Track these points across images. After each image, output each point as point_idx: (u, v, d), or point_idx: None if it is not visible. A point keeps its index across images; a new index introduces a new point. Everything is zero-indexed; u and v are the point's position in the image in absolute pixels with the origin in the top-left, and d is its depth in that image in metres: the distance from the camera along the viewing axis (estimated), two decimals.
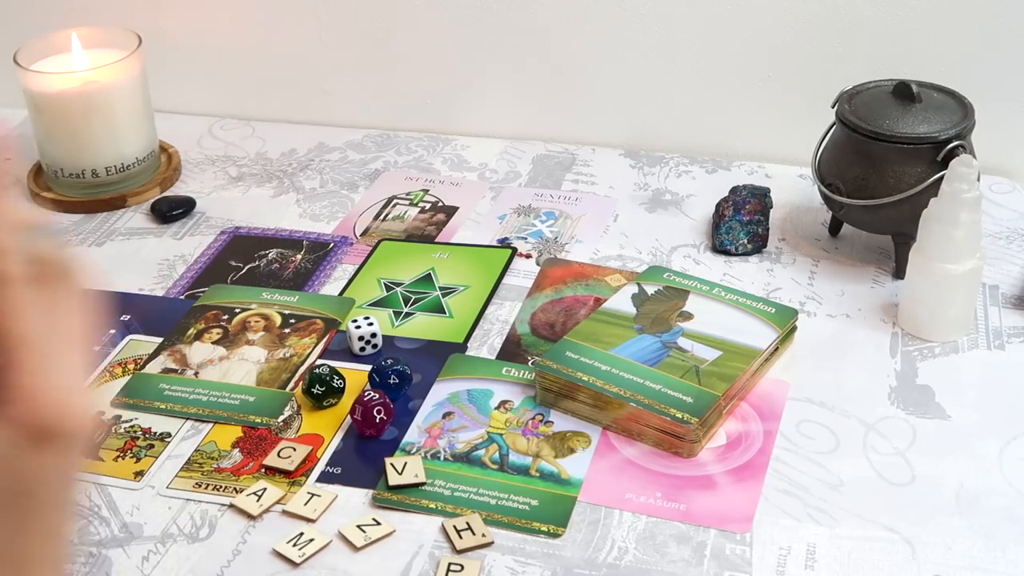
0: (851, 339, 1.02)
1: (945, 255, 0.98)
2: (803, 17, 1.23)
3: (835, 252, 1.13)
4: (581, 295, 1.08)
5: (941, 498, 0.87)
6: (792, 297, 1.07)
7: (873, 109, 1.07)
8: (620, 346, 0.97)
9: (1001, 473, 0.89)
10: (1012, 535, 0.83)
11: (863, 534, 0.84)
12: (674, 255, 1.14)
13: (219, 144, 1.36)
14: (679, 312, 1.01)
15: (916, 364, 0.99)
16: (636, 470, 0.89)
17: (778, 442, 0.92)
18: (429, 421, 0.94)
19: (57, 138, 1.23)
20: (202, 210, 1.24)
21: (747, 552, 0.83)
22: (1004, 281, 1.08)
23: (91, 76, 1.21)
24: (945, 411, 0.94)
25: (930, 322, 1.01)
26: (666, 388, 0.92)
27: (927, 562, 0.81)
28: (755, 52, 1.26)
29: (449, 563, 0.82)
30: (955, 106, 1.07)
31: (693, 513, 0.86)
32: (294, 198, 1.25)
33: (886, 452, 0.91)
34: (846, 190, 1.07)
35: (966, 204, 0.96)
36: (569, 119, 1.33)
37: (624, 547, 0.83)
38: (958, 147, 1.03)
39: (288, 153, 1.34)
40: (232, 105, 1.41)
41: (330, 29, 1.35)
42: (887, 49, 1.21)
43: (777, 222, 1.17)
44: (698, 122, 1.31)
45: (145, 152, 1.26)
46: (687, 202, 1.22)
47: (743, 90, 1.28)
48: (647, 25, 1.26)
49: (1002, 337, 1.02)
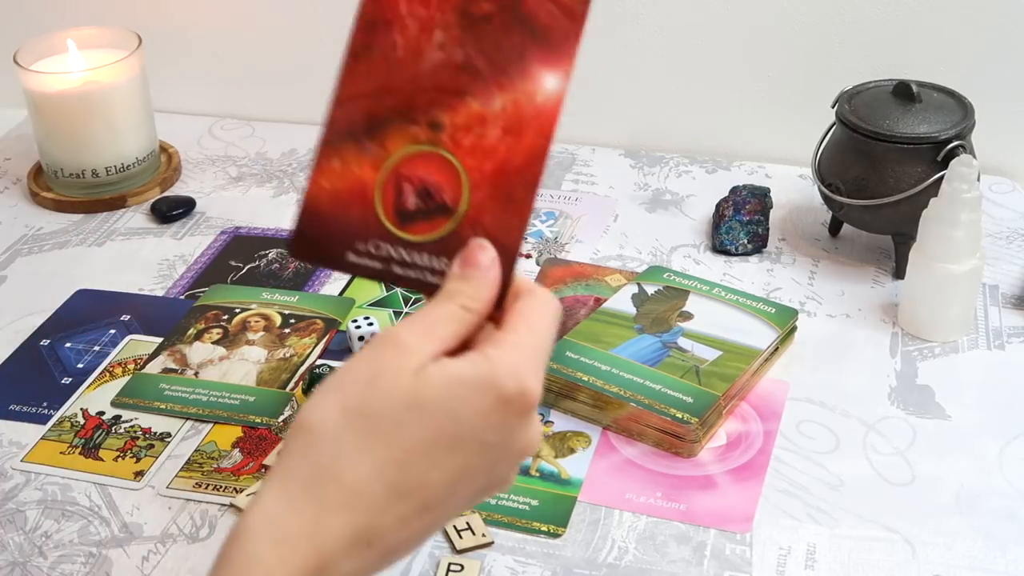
0: (851, 339, 1.02)
1: (945, 255, 0.98)
2: (803, 17, 1.23)
3: (835, 252, 1.14)
4: (581, 295, 1.08)
5: (941, 498, 0.87)
6: (792, 297, 1.07)
7: (873, 109, 1.07)
8: (620, 346, 0.97)
9: (1001, 473, 0.89)
10: (1012, 535, 0.83)
11: (863, 534, 0.84)
12: (674, 255, 1.14)
13: (219, 144, 1.36)
14: (679, 312, 1.01)
15: (916, 364, 0.99)
16: (636, 470, 0.90)
17: (778, 442, 0.92)
18: None
19: (57, 138, 1.23)
20: (202, 210, 1.24)
21: (747, 552, 0.83)
22: (1004, 281, 1.08)
23: (91, 76, 1.21)
24: (945, 411, 0.94)
25: (930, 322, 1.01)
26: (666, 388, 0.92)
27: (927, 562, 0.81)
28: (755, 52, 1.26)
29: (449, 563, 0.82)
30: (955, 106, 1.07)
31: (693, 513, 0.86)
32: (294, 198, 1.25)
33: (886, 452, 0.91)
34: (846, 190, 1.07)
35: (966, 204, 0.96)
36: (569, 119, 1.32)
37: (624, 547, 0.83)
38: (958, 147, 1.03)
39: (288, 153, 1.34)
40: (232, 105, 1.41)
41: (330, 29, 1.35)
42: (887, 49, 1.21)
43: (777, 222, 1.17)
44: (698, 122, 1.31)
45: (145, 152, 1.26)
46: (687, 202, 1.22)
47: (743, 90, 1.28)
48: (647, 25, 1.26)
49: (1002, 337, 1.02)
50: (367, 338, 1.01)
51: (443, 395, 0.57)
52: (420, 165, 0.66)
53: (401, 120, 0.67)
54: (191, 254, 1.17)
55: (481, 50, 0.66)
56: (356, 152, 0.67)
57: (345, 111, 0.68)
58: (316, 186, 0.67)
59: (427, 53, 0.66)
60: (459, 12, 0.66)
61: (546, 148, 0.66)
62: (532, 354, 0.60)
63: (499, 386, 0.58)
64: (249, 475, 0.90)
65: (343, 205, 0.67)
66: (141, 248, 1.18)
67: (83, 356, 1.03)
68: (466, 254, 0.63)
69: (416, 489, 0.57)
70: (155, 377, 1.00)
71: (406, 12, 0.67)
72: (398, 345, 0.58)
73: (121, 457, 0.92)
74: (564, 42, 0.67)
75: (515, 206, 0.65)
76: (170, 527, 0.86)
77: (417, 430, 0.57)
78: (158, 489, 0.89)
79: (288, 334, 1.04)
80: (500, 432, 0.59)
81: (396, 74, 0.67)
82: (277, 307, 1.07)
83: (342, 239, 0.67)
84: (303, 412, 0.58)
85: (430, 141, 0.66)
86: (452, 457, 0.58)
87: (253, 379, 0.99)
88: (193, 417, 0.96)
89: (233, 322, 1.06)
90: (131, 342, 1.04)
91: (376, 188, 0.66)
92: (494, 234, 0.65)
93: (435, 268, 0.65)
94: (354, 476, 0.56)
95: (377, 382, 0.58)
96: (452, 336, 0.60)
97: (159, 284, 1.12)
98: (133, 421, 0.95)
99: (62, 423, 0.95)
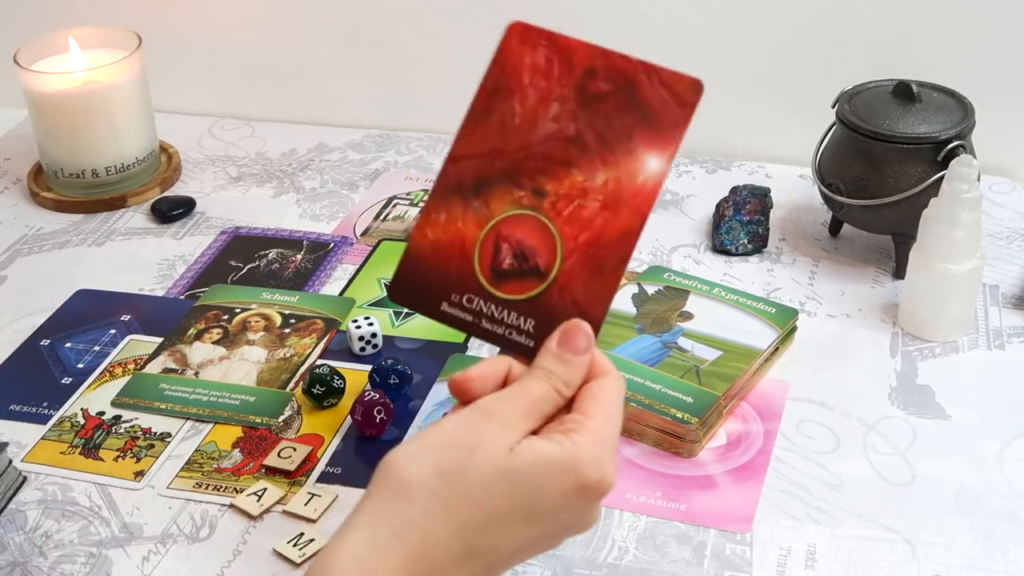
0: (851, 339, 1.02)
1: (945, 255, 0.98)
2: (803, 17, 1.23)
3: (835, 252, 1.14)
4: None
5: (941, 498, 0.87)
6: (792, 297, 1.07)
7: (873, 109, 1.07)
8: (620, 346, 0.97)
9: (1001, 473, 0.89)
10: (1012, 535, 0.83)
11: (863, 534, 0.84)
12: (674, 255, 1.14)
13: (219, 144, 1.36)
14: (679, 312, 1.01)
15: (916, 364, 0.99)
16: (636, 470, 0.90)
17: (778, 442, 0.92)
18: (429, 421, 0.94)
19: (57, 138, 1.23)
20: (202, 210, 1.24)
21: (747, 552, 0.83)
22: (1004, 281, 1.08)
23: (91, 76, 1.21)
24: (945, 411, 0.94)
25: (930, 322, 1.01)
26: (666, 388, 0.92)
27: (927, 562, 0.82)
28: (755, 52, 1.26)
29: None
30: (955, 106, 1.07)
31: (693, 513, 0.86)
32: (294, 198, 1.25)
33: (886, 452, 0.91)
34: (846, 190, 1.07)
35: (966, 204, 0.96)
36: None
37: (624, 547, 0.83)
38: (958, 147, 1.03)
39: (288, 153, 1.34)
40: (232, 105, 1.41)
41: (330, 29, 1.35)
42: (887, 49, 1.21)
43: (777, 222, 1.17)
44: (698, 122, 1.30)
45: (145, 152, 1.26)
46: (687, 202, 1.22)
47: (743, 90, 1.28)
48: (647, 24, 1.26)
49: (1002, 337, 1.02)
50: (367, 338, 1.01)
51: (531, 472, 0.63)
52: (519, 228, 0.70)
53: (507, 183, 0.70)
54: (191, 254, 1.17)
55: (592, 126, 0.70)
56: (462, 208, 0.71)
57: (457, 168, 0.72)
58: (421, 235, 0.71)
59: (541, 123, 0.71)
60: (577, 88, 0.71)
61: (640, 227, 0.69)
62: (611, 443, 0.66)
63: (581, 472, 0.64)
64: (249, 475, 0.90)
65: (444, 257, 0.71)
66: (141, 248, 1.18)
67: (83, 356, 1.03)
68: (566, 334, 0.68)
69: (488, 552, 0.63)
70: (155, 377, 1.00)
71: (528, 83, 0.71)
72: (503, 421, 0.65)
73: (121, 457, 0.92)
74: (672, 128, 0.70)
75: (603, 279, 0.69)
76: (170, 527, 0.86)
77: (502, 500, 0.63)
78: (158, 489, 0.89)
79: (288, 334, 1.04)
80: (574, 512, 0.65)
81: (509, 139, 0.71)
82: (277, 307, 1.07)
83: (439, 289, 0.71)
84: (400, 460, 0.64)
85: (532, 206, 0.70)
86: (527, 528, 0.64)
87: (253, 379, 0.99)
88: (193, 417, 0.96)
89: (233, 322, 1.06)
90: (131, 342, 1.04)
91: (476, 244, 0.71)
92: (581, 303, 0.69)
93: (520, 327, 0.70)
94: (441, 535, 0.62)
95: (476, 452, 0.63)
96: (544, 417, 0.67)
97: (159, 284, 1.12)
98: (133, 421, 0.95)
99: (62, 423, 0.95)
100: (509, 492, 0.63)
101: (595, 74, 0.70)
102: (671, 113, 0.70)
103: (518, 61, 0.71)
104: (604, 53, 0.71)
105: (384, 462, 0.64)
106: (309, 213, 1.23)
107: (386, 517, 0.62)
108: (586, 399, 0.67)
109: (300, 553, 0.83)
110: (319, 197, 1.25)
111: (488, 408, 0.65)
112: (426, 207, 0.72)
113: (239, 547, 0.84)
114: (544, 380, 0.67)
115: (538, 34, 0.72)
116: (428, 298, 0.71)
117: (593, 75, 0.70)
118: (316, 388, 0.95)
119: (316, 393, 0.95)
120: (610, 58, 0.71)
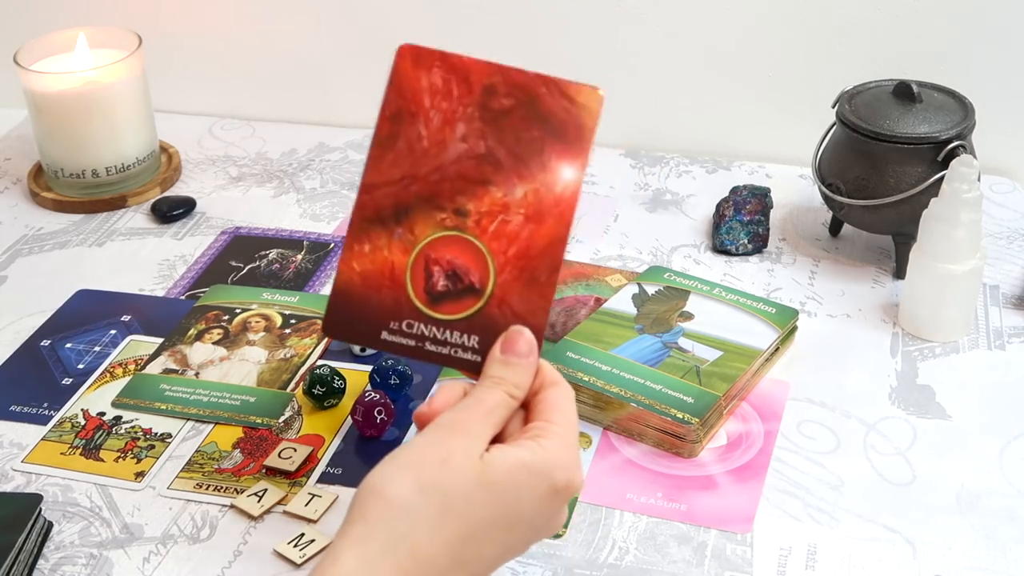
0: (851, 339, 1.02)
1: (946, 255, 0.98)
2: (803, 17, 1.23)
3: (835, 252, 1.14)
4: (581, 295, 1.08)
5: (941, 498, 0.87)
6: (792, 297, 1.07)
7: (873, 109, 1.07)
8: (621, 346, 0.97)
9: (1001, 473, 0.89)
10: (1012, 535, 0.83)
11: (864, 534, 0.84)
12: (674, 255, 1.14)
13: (219, 144, 1.36)
14: (679, 312, 1.01)
15: (916, 364, 0.99)
16: (637, 470, 0.90)
17: (778, 442, 0.92)
18: None
19: (57, 138, 1.23)
20: (202, 210, 1.24)
21: (748, 552, 0.83)
22: (1004, 281, 1.08)
23: (91, 76, 1.21)
24: (945, 411, 0.94)
25: (930, 322, 1.01)
26: (667, 388, 0.92)
27: (927, 562, 0.82)
28: (755, 52, 1.26)
29: None
30: (955, 106, 1.07)
31: (694, 513, 0.86)
32: (294, 198, 1.25)
33: (886, 452, 0.91)
34: (846, 190, 1.07)
35: (966, 204, 0.97)
36: None
37: (625, 547, 0.83)
38: (958, 147, 1.03)
39: (288, 153, 1.34)
40: (232, 105, 1.41)
41: (330, 29, 1.35)
42: (887, 49, 1.21)
43: (777, 222, 1.17)
44: (698, 122, 1.31)
45: (145, 152, 1.26)
46: (687, 202, 1.22)
47: (743, 90, 1.28)
48: (647, 24, 1.26)
49: (1002, 337, 1.02)
50: None
51: (507, 479, 0.66)
52: (447, 249, 0.71)
53: (428, 207, 0.72)
54: (191, 254, 1.17)
55: (502, 142, 0.71)
56: (386, 237, 0.72)
57: (372, 197, 0.73)
58: (348, 268, 0.72)
59: (451, 144, 0.72)
60: (480, 106, 0.72)
61: (566, 234, 0.71)
62: (576, 447, 0.69)
63: (553, 476, 0.66)
64: (249, 476, 0.90)
65: (375, 287, 0.72)
66: (141, 248, 1.18)
67: (84, 356, 1.03)
68: (508, 340, 0.70)
69: (473, 561, 0.66)
70: (156, 378, 1.00)
71: (430, 105, 0.72)
72: (465, 431, 0.67)
73: (122, 458, 0.92)
74: (579, 138, 0.71)
75: (539, 288, 0.71)
76: (171, 528, 0.86)
77: (484, 510, 0.65)
78: (159, 490, 0.89)
79: (289, 334, 1.04)
80: (546, 516, 0.68)
81: (420, 163, 0.72)
82: (278, 307, 1.07)
83: (376, 319, 0.72)
84: (377, 481, 0.66)
85: (456, 226, 0.71)
86: (508, 535, 0.67)
87: (254, 379, 0.99)
88: (194, 418, 0.96)
89: (234, 322, 1.06)
90: (131, 342, 1.04)
91: (406, 270, 0.72)
92: (520, 313, 0.71)
93: (465, 345, 0.71)
94: (428, 548, 0.64)
95: (448, 464, 0.65)
96: (503, 421, 0.69)
97: (159, 284, 1.12)
98: (134, 422, 0.95)
99: (63, 424, 0.95)
100: (490, 501, 0.65)
101: (495, 91, 0.72)
102: (575, 123, 0.71)
103: (415, 84, 0.72)
104: (500, 69, 0.72)
105: (363, 486, 0.66)
106: (309, 213, 1.23)
107: (374, 537, 0.64)
108: (545, 407, 0.69)
109: (301, 554, 0.83)
110: (319, 197, 1.25)
111: (450, 421, 0.68)
112: (348, 241, 0.73)
113: (240, 548, 0.84)
114: (496, 386, 0.69)
115: (430, 55, 0.73)
116: (366, 329, 0.73)
117: (493, 92, 0.71)
118: (316, 388, 0.95)
119: (316, 393, 0.95)
120: (507, 73, 0.72)
